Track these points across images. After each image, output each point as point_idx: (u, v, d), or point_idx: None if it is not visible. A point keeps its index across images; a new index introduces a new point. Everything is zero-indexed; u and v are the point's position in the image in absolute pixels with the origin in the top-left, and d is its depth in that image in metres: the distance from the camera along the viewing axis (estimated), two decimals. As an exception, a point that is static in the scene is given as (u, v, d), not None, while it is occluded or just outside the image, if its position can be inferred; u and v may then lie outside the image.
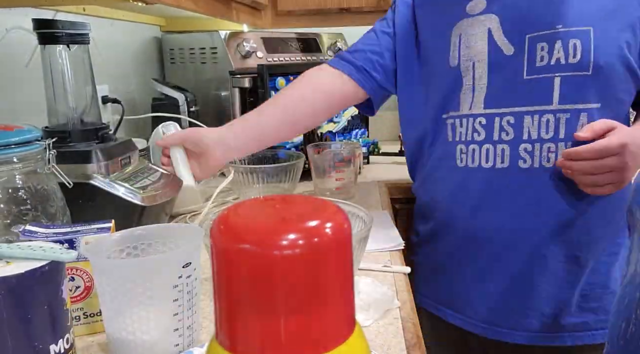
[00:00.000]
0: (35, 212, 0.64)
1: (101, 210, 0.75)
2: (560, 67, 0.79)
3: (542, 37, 0.80)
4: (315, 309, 0.26)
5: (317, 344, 0.26)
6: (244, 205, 0.28)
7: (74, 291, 0.56)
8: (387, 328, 0.59)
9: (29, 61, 0.95)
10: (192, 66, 1.38)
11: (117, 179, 0.78)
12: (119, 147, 0.83)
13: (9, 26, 0.92)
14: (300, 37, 1.50)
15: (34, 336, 0.43)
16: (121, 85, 1.31)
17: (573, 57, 0.78)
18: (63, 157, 0.70)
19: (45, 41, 0.80)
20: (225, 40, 1.29)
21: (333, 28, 1.62)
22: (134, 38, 1.39)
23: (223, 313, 0.27)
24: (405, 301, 0.66)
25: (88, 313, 0.58)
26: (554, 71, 0.79)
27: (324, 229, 0.26)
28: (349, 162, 1.06)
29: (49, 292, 0.44)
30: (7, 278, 0.41)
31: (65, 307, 0.46)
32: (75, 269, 0.56)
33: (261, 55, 1.35)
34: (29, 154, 0.63)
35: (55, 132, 0.77)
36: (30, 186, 0.64)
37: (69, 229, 0.57)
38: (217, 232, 0.26)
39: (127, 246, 0.55)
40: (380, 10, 1.47)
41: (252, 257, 0.25)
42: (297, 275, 0.25)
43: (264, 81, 1.22)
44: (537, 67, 0.81)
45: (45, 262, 0.43)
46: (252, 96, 1.26)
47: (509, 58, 0.82)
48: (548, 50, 0.80)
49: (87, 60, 0.84)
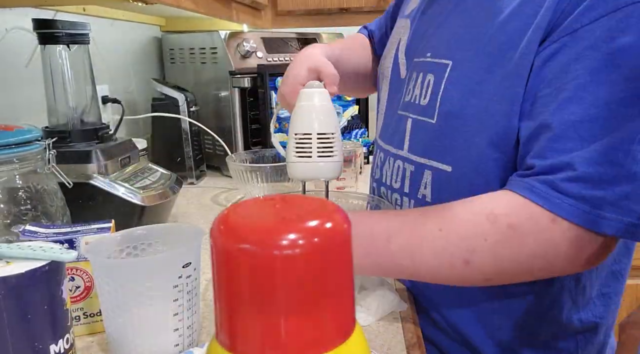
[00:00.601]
0: (35, 212, 0.64)
1: (101, 210, 0.75)
2: (414, 107, 0.63)
3: (416, 65, 0.64)
4: (315, 309, 0.26)
5: (317, 344, 0.26)
6: (244, 205, 0.28)
7: (74, 291, 0.56)
8: (387, 328, 0.59)
9: (29, 61, 0.95)
10: (192, 66, 1.38)
11: (117, 179, 0.78)
12: (119, 147, 0.83)
13: (9, 26, 0.92)
14: (300, 37, 1.50)
15: (34, 336, 0.43)
16: (121, 86, 1.31)
17: (424, 97, 0.61)
18: (63, 157, 0.70)
19: (45, 41, 0.80)
20: (225, 40, 1.29)
21: (333, 28, 1.61)
22: (134, 38, 1.39)
23: (223, 313, 0.27)
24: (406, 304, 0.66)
25: (88, 313, 0.58)
26: (410, 111, 0.64)
27: (324, 229, 0.26)
28: (350, 162, 1.06)
29: (49, 292, 0.44)
30: (7, 277, 0.41)
31: (65, 307, 0.46)
32: (75, 269, 0.56)
33: (261, 55, 1.35)
34: (28, 154, 0.63)
35: (55, 132, 0.77)
36: (30, 186, 0.64)
37: (69, 229, 0.57)
38: (217, 232, 0.26)
39: (127, 246, 0.55)
40: (380, 10, 1.47)
41: (252, 257, 0.25)
42: (297, 275, 0.25)
43: (264, 81, 1.22)
44: (404, 102, 0.66)
45: (45, 263, 0.43)
46: (252, 96, 1.26)
47: (401, 82, 0.68)
48: (414, 83, 0.63)
49: (87, 60, 0.84)
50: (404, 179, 0.65)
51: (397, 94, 0.69)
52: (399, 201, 0.66)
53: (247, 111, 1.27)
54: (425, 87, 0.61)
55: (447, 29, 0.62)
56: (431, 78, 0.60)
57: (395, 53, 0.71)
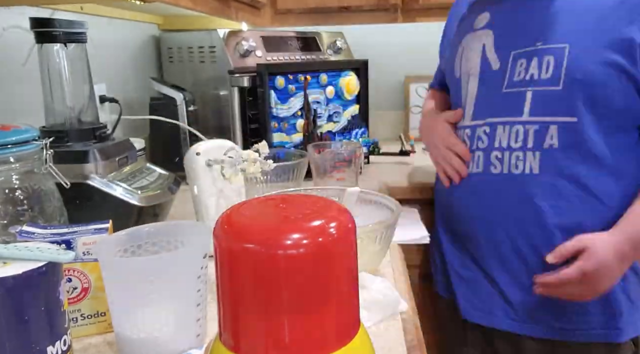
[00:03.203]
0: (32, 212, 0.63)
1: (98, 210, 0.75)
2: (533, 82, 0.83)
3: (523, 54, 0.85)
4: (319, 309, 0.25)
5: (322, 345, 0.26)
6: (246, 205, 0.28)
7: (71, 292, 0.56)
8: (388, 329, 0.58)
9: (26, 60, 0.94)
10: (190, 65, 1.37)
11: (115, 179, 0.78)
12: (117, 147, 0.82)
13: (5, 25, 0.92)
14: (300, 35, 1.50)
15: (31, 338, 0.42)
16: (119, 85, 1.30)
17: (546, 72, 0.82)
18: (60, 157, 0.69)
19: (43, 40, 0.79)
20: (224, 39, 1.29)
21: (333, 27, 1.61)
22: (132, 37, 1.39)
23: (227, 313, 0.26)
24: (406, 303, 0.65)
25: (86, 314, 0.57)
26: (527, 85, 0.84)
27: (328, 229, 0.25)
28: (350, 162, 1.06)
29: (46, 293, 0.43)
30: (4, 278, 0.41)
31: (63, 308, 0.45)
32: (73, 270, 0.55)
33: (260, 54, 1.34)
34: (26, 154, 0.62)
35: (52, 132, 0.77)
36: (27, 186, 0.64)
37: (66, 230, 0.56)
38: (220, 232, 0.25)
39: (130, 245, 0.55)
40: (380, 9, 1.47)
41: (255, 256, 0.24)
42: (301, 275, 0.24)
43: (263, 80, 1.21)
44: (514, 81, 0.86)
45: (43, 263, 0.43)
46: (251, 95, 1.26)
47: (494, 73, 0.89)
48: (525, 66, 0.84)
49: (85, 59, 0.84)
50: (526, 138, 0.83)
51: (495, 81, 0.88)
52: (520, 157, 0.84)
53: (246, 110, 1.26)
54: (545, 66, 0.81)
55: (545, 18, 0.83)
56: (550, 59, 0.81)
57: (482, 54, 0.90)
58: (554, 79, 0.81)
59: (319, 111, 1.34)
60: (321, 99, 1.35)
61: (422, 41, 1.66)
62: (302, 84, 1.27)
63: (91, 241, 0.56)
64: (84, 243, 0.55)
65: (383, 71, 1.82)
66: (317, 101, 1.33)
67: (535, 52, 0.83)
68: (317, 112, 1.31)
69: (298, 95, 1.28)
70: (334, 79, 1.37)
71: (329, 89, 1.36)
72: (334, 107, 1.39)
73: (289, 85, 1.26)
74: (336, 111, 1.39)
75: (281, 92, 1.26)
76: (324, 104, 1.36)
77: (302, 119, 1.29)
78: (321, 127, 1.33)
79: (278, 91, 1.25)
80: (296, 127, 1.30)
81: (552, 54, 0.81)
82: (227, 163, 0.76)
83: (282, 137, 1.28)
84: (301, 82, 1.28)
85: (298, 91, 1.28)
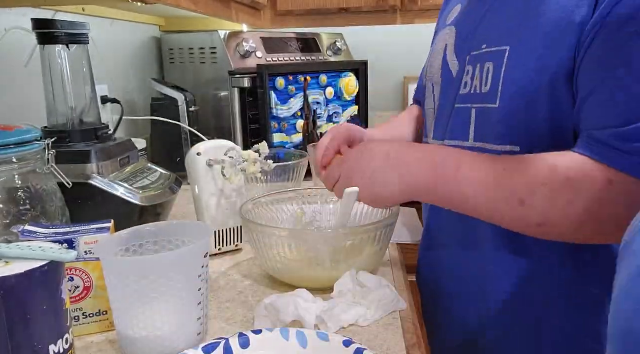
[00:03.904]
0: (35, 212, 0.64)
1: (100, 210, 0.75)
2: (476, 96, 0.63)
3: (473, 58, 0.65)
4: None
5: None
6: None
7: (73, 291, 0.56)
8: (387, 328, 0.59)
9: (28, 61, 0.95)
10: (191, 66, 1.37)
11: (117, 179, 0.78)
12: (118, 148, 0.83)
13: (8, 26, 0.92)
14: (300, 37, 1.50)
15: (33, 336, 0.43)
16: (120, 86, 1.31)
17: (485, 84, 0.62)
18: (62, 158, 0.70)
19: (45, 41, 0.79)
20: (225, 40, 1.29)
21: (332, 28, 1.62)
22: (134, 38, 1.39)
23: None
24: (405, 302, 0.66)
25: (87, 313, 0.57)
26: (472, 101, 0.64)
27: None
28: (349, 162, 1.06)
29: (48, 292, 0.44)
30: (7, 278, 0.41)
31: (65, 307, 0.46)
32: (75, 270, 0.56)
33: (260, 56, 1.35)
34: (28, 154, 0.63)
35: (54, 132, 0.77)
36: (29, 186, 0.64)
37: (68, 230, 0.57)
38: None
39: (132, 244, 0.56)
40: (379, 11, 1.47)
41: None
42: None
43: (263, 81, 1.22)
44: (461, 94, 0.66)
45: (45, 263, 0.43)
46: (252, 96, 1.26)
47: (453, 81, 0.69)
48: (471, 75, 0.65)
49: (87, 61, 0.84)
50: None
51: (452, 92, 0.69)
52: None
53: (247, 111, 1.27)
54: (485, 76, 0.62)
55: (497, 19, 0.63)
56: (490, 66, 0.61)
57: (443, 57, 0.72)
58: (491, 94, 0.60)
59: (319, 111, 1.35)
60: (321, 100, 1.35)
61: (420, 42, 1.65)
62: (302, 85, 1.28)
63: (93, 241, 0.56)
64: (86, 243, 0.55)
65: (382, 72, 1.82)
66: (317, 101, 1.34)
67: (479, 57, 0.63)
68: (317, 113, 1.32)
69: (298, 96, 1.29)
70: (333, 80, 1.37)
71: (328, 90, 1.36)
72: (333, 108, 1.39)
73: (289, 86, 1.27)
74: (336, 112, 1.40)
75: (281, 93, 1.27)
76: (323, 104, 1.36)
77: (302, 119, 1.29)
78: (321, 127, 1.33)
79: (278, 92, 1.26)
80: (296, 127, 1.31)
81: (492, 60, 0.61)
82: (227, 163, 0.76)
83: (283, 137, 1.29)
84: (301, 83, 1.28)
85: (298, 91, 1.29)
